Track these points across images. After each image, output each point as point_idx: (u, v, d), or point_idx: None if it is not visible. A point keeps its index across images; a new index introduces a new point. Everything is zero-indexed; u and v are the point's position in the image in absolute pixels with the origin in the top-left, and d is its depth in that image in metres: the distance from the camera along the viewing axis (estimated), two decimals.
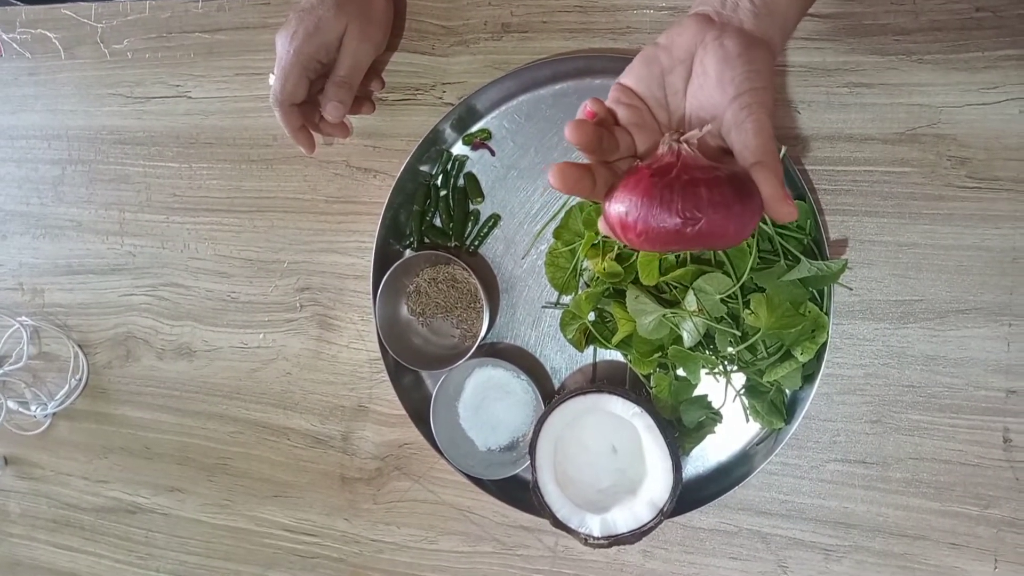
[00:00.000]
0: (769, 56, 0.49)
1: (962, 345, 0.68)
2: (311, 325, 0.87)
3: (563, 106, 0.77)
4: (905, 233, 0.69)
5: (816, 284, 0.67)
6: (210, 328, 0.91)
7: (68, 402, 0.98)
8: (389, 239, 0.81)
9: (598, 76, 0.75)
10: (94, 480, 0.99)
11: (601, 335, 0.74)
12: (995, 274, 0.67)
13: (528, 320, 0.80)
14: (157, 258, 0.93)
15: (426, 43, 0.80)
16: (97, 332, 0.97)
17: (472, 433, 0.81)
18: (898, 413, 0.70)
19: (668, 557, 0.78)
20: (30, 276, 0.99)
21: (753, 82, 0.47)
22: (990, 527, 0.69)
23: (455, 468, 0.78)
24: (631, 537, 0.69)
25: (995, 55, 0.66)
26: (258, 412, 0.90)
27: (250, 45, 0.87)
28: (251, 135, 0.87)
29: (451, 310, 0.81)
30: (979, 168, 0.67)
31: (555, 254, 0.76)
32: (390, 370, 0.81)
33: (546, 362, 0.80)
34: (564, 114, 0.76)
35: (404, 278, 0.81)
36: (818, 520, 0.73)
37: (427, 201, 0.81)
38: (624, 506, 0.71)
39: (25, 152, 0.97)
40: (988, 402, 0.68)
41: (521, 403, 0.79)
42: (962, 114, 0.67)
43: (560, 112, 0.77)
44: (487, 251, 0.81)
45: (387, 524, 0.86)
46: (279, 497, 0.91)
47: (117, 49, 0.92)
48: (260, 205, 0.88)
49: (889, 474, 0.71)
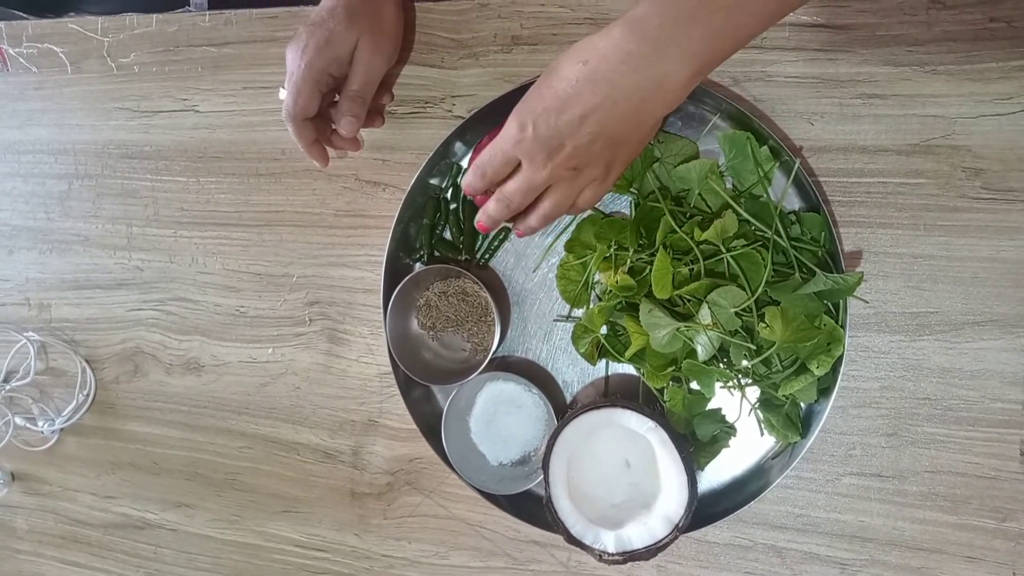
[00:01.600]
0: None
1: (978, 357, 0.68)
2: (320, 339, 0.87)
3: None
4: (920, 245, 0.69)
5: (831, 297, 0.66)
6: (219, 343, 0.91)
7: (76, 418, 0.97)
8: (399, 253, 0.81)
9: None
10: (102, 496, 0.98)
11: (614, 349, 0.73)
12: (1011, 286, 0.67)
13: (540, 334, 0.80)
14: (165, 273, 0.92)
15: (435, 56, 0.80)
16: (105, 347, 0.96)
17: (483, 447, 0.80)
18: (914, 426, 0.70)
19: (682, 572, 0.77)
20: (37, 291, 0.98)
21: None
22: (1007, 540, 0.69)
23: (466, 483, 0.78)
24: (646, 553, 0.69)
25: (1009, 66, 0.66)
26: (267, 427, 0.90)
27: (258, 58, 0.86)
28: (259, 149, 0.87)
29: (462, 324, 0.80)
30: (994, 179, 0.67)
31: (567, 267, 0.76)
32: (400, 385, 0.80)
33: (558, 376, 0.79)
34: None
35: (414, 292, 0.80)
36: (834, 534, 0.72)
37: (437, 215, 0.80)
38: (639, 521, 0.70)
39: (32, 167, 0.97)
40: (1005, 414, 0.68)
41: (533, 417, 0.78)
42: (976, 125, 0.67)
43: None
44: (498, 264, 0.80)
45: (398, 540, 0.86)
46: (289, 512, 0.90)
47: (124, 63, 0.92)
48: (269, 219, 0.88)
49: (905, 487, 0.70)
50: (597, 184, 0.62)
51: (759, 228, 0.68)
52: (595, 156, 0.58)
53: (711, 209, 0.71)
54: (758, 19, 0.53)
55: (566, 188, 0.61)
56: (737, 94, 0.72)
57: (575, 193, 0.62)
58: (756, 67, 0.71)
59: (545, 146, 0.57)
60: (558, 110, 0.55)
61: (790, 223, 0.69)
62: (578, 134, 0.56)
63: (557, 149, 0.57)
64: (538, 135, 0.57)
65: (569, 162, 0.58)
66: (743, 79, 0.72)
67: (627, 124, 0.56)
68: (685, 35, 0.51)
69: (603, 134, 0.56)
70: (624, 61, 0.52)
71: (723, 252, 0.67)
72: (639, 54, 0.52)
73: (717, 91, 0.70)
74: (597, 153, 0.58)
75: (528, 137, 0.57)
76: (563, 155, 0.57)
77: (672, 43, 0.52)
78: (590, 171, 0.60)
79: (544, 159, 0.58)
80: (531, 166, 0.59)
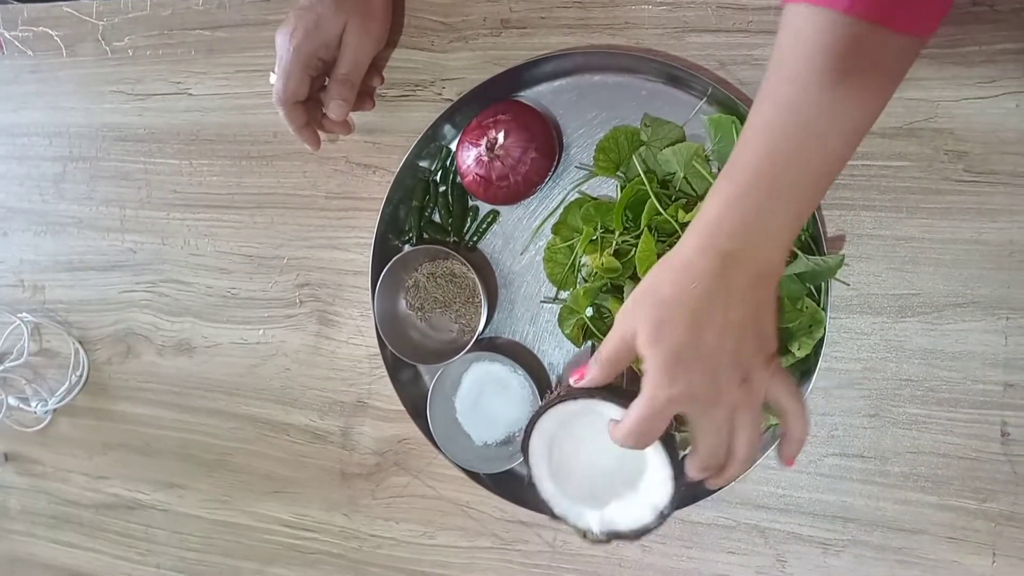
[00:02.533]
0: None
1: (960, 339, 0.68)
2: (310, 321, 0.87)
3: (561, 103, 0.77)
4: (902, 227, 0.69)
5: (813, 279, 0.67)
6: (210, 324, 0.92)
7: (68, 398, 0.98)
8: (388, 235, 0.81)
9: (597, 73, 0.76)
10: (94, 476, 0.99)
11: (599, 330, 0.74)
12: (992, 268, 0.67)
13: (526, 316, 0.80)
14: (157, 254, 0.93)
15: (425, 39, 0.81)
16: (97, 328, 0.97)
17: (468, 428, 0.81)
18: (896, 407, 0.70)
19: (667, 552, 0.78)
20: (31, 272, 0.99)
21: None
22: (988, 521, 0.69)
23: (452, 462, 0.78)
24: (631, 535, 0.68)
25: (992, 49, 0.66)
26: (257, 408, 0.90)
27: (250, 42, 0.87)
28: (251, 132, 0.88)
29: (449, 305, 0.81)
30: (976, 162, 0.67)
31: (553, 250, 0.77)
32: (388, 365, 0.81)
33: (544, 357, 0.80)
34: (563, 110, 0.77)
35: (403, 273, 0.81)
36: (816, 514, 0.73)
37: (426, 197, 0.81)
38: (624, 500, 0.69)
39: (26, 149, 0.98)
40: (986, 396, 0.68)
41: (518, 398, 0.79)
42: (959, 108, 0.67)
43: (559, 108, 0.77)
44: (486, 247, 0.81)
45: (386, 519, 0.86)
46: (278, 493, 0.91)
47: (118, 47, 0.92)
48: (260, 201, 0.88)
49: (887, 468, 0.71)
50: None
51: None
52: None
53: (696, 192, 0.72)
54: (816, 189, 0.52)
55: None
56: (723, 78, 0.72)
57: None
58: (742, 51, 0.72)
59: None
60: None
61: None
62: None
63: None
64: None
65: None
66: (729, 62, 0.72)
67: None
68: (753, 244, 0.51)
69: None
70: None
71: None
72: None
73: (704, 75, 0.71)
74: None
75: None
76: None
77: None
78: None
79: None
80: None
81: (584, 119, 0.77)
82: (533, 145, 0.73)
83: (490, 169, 0.74)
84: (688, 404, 0.53)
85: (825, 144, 0.49)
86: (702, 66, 0.73)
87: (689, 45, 0.73)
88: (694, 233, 0.52)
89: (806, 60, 0.47)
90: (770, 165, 0.49)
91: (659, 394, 0.52)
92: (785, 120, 0.49)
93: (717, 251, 0.51)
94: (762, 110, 0.50)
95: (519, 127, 0.73)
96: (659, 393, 0.52)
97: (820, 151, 0.49)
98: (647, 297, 0.53)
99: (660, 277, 0.53)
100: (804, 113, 0.48)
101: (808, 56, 0.47)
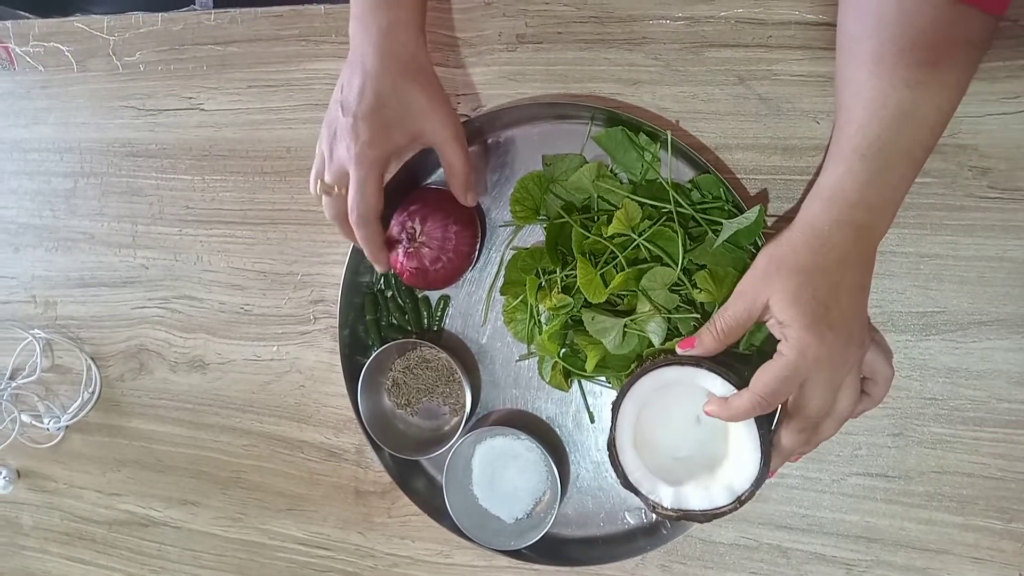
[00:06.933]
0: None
1: (984, 357, 0.68)
2: (325, 338, 0.87)
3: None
4: (926, 244, 0.68)
5: (746, 238, 0.67)
6: (223, 340, 0.91)
7: (81, 415, 0.98)
8: (355, 356, 0.83)
9: (488, 135, 0.78)
10: (107, 493, 0.98)
11: (576, 367, 0.74)
12: (1017, 285, 0.67)
13: (509, 380, 0.80)
14: (170, 271, 0.93)
15: (440, 55, 0.80)
16: (110, 345, 0.96)
17: (496, 510, 0.80)
18: (920, 426, 0.69)
19: (687, 571, 0.77)
20: (43, 289, 0.99)
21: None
22: (1014, 541, 0.68)
23: (497, 551, 0.78)
24: (702, 516, 0.65)
25: (1016, 64, 0.65)
26: (272, 425, 0.90)
27: (263, 57, 0.86)
28: (264, 147, 0.87)
29: (433, 390, 0.82)
30: (1000, 178, 0.66)
31: (510, 310, 0.77)
32: (398, 480, 0.82)
33: (541, 413, 0.80)
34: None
35: (379, 376, 0.82)
36: (839, 535, 0.72)
37: (377, 309, 0.82)
38: (699, 483, 0.66)
39: (38, 165, 0.97)
40: (1011, 415, 0.67)
41: (530, 463, 0.78)
42: (983, 124, 0.66)
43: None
44: (450, 330, 0.82)
45: (402, 538, 0.86)
46: (292, 510, 0.90)
47: (129, 62, 0.92)
48: (273, 217, 0.88)
49: (911, 488, 0.70)
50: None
51: (660, 205, 0.69)
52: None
53: (615, 207, 0.72)
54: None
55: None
56: (603, 97, 0.74)
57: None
58: (762, 65, 0.71)
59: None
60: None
61: (688, 191, 0.71)
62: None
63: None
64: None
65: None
66: (748, 77, 0.71)
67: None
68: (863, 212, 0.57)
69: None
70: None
71: (636, 238, 0.68)
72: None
73: (581, 101, 0.73)
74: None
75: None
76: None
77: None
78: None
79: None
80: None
81: (491, 182, 0.79)
82: (451, 219, 0.74)
83: (421, 258, 0.74)
84: (827, 363, 0.56)
85: (941, 121, 0.55)
86: (576, 93, 0.75)
87: (708, 60, 0.72)
88: (826, 207, 0.57)
89: (950, 44, 0.53)
90: (908, 147, 0.55)
91: (808, 353, 0.55)
92: (917, 100, 0.54)
93: (854, 224, 0.56)
94: (893, 87, 0.54)
95: (433, 210, 0.74)
96: (808, 352, 0.55)
97: (939, 127, 0.55)
98: (781, 267, 0.57)
99: (793, 248, 0.57)
100: (936, 95, 0.54)
101: (954, 41, 0.53)
